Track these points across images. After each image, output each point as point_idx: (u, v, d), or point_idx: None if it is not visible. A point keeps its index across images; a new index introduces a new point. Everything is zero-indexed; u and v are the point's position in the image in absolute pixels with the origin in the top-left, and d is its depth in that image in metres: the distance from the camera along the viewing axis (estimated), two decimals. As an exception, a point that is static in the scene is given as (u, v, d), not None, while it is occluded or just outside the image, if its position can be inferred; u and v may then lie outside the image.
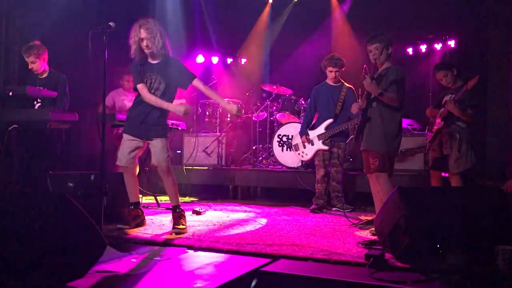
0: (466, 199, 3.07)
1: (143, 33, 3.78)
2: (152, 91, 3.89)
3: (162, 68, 3.92)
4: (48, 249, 2.25)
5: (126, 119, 4.12)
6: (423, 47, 7.76)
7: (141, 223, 4.05)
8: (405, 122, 6.40)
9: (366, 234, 3.82)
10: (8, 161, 5.18)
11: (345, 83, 5.35)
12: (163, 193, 6.07)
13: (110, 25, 3.49)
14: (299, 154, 5.62)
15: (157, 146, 3.89)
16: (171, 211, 4.02)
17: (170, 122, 4.58)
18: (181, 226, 3.80)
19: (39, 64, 4.75)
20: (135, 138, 3.95)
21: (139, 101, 3.96)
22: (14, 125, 4.11)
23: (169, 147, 3.97)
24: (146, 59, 3.92)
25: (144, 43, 3.79)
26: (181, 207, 3.97)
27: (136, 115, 3.95)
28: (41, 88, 4.58)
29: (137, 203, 4.10)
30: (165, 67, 3.92)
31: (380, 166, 3.74)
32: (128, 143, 3.96)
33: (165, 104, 3.88)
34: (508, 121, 4.76)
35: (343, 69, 5.31)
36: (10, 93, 4.03)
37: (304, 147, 5.50)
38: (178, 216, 3.89)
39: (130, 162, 3.98)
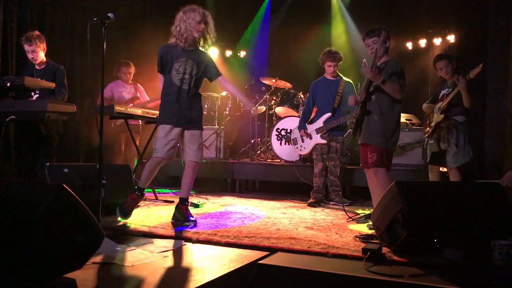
0: (464, 194, 3.08)
1: (208, 17, 3.89)
2: (187, 76, 3.87)
3: (196, 56, 3.94)
4: (45, 240, 2.25)
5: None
6: (422, 42, 7.73)
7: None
8: (404, 117, 6.41)
9: (364, 228, 3.83)
10: (6, 152, 5.18)
11: (343, 77, 5.35)
12: (161, 185, 6.11)
13: (109, 16, 3.47)
14: (297, 148, 5.62)
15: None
16: (169, 203, 4.02)
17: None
18: (193, 219, 3.83)
19: (39, 54, 4.74)
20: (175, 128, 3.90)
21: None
22: (12, 116, 4.09)
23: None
24: (178, 45, 3.90)
25: (202, 26, 3.85)
26: (173, 199, 4.02)
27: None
28: (39, 79, 4.56)
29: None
30: (199, 56, 3.96)
31: (378, 160, 3.73)
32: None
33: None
34: (506, 116, 4.77)
35: (340, 62, 5.30)
36: (8, 84, 4.01)
37: (303, 141, 5.50)
38: (186, 208, 3.92)
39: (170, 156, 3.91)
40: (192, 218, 3.82)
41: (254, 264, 2.70)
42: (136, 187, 3.97)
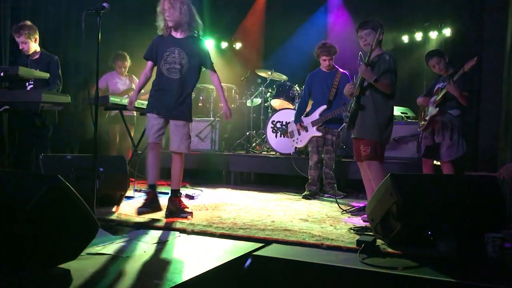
0: (458, 187, 3.10)
1: (166, 4, 3.76)
2: (177, 66, 3.84)
3: (187, 44, 3.87)
4: (39, 230, 2.25)
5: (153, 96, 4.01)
6: (418, 35, 7.73)
7: (159, 207, 3.96)
8: (399, 110, 6.42)
9: (358, 220, 3.84)
10: (0, 142, 5.15)
11: (339, 69, 5.34)
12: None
13: (104, 6, 3.44)
14: (294, 141, 5.62)
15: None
16: (165, 194, 4.02)
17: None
18: (189, 210, 3.82)
19: (30, 45, 4.69)
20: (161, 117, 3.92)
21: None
22: (5, 106, 4.06)
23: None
24: (166, 35, 3.89)
25: (167, 14, 3.76)
26: (168, 190, 4.01)
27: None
28: (33, 69, 4.52)
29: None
30: (190, 43, 3.89)
31: (371, 154, 3.75)
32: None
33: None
34: (501, 109, 4.79)
35: (335, 55, 5.29)
36: (2, 74, 3.98)
37: (299, 133, 5.50)
38: (180, 200, 3.91)
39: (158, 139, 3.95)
40: (187, 210, 3.81)
41: (249, 255, 2.70)
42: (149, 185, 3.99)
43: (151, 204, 3.90)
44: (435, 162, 4.78)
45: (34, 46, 4.75)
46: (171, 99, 3.86)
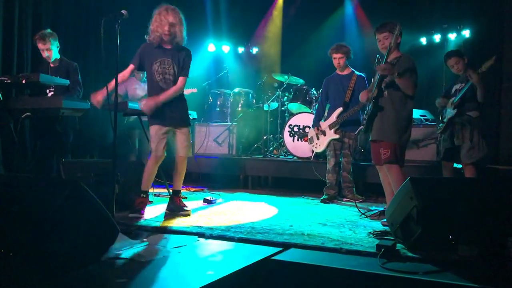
0: (479, 190, 3.04)
1: (171, 18, 3.89)
2: (167, 76, 4.00)
3: (176, 54, 4.02)
4: (61, 235, 2.28)
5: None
6: (437, 37, 7.65)
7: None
8: (418, 113, 6.35)
9: (378, 224, 3.80)
10: (22, 148, 5.25)
11: (355, 71, 5.31)
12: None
13: (122, 13, 3.48)
14: (313, 146, 5.58)
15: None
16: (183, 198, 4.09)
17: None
18: (187, 208, 4.08)
19: (53, 52, 4.79)
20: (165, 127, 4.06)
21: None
22: (27, 113, 4.14)
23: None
24: (159, 43, 3.99)
25: (171, 29, 3.89)
26: (186, 195, 4.17)
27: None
28: (54, 76, 4.60)
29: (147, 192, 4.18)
30: (178, 54, 4.04)
31: (391, 157, 3.70)
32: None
33: None
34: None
35: (351, 56, 5.25)
36: (23, 81, 4.06)
37: (318, 138, 5.47)
38: (180, 199, 4.15)
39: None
40: (186, 208, 4.06)
41: (267, 260, 2.70)
42: (141, 190, 4.08)
43: (142, 206, 4.03)
44: (455, 164, 4.71)
45: (56, 53, 4.84)
46: (170, 108, 4.01)
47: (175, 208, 4.06)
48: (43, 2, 5.86)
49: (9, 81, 4.03)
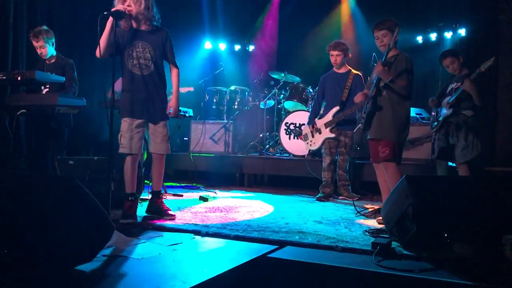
0: (474, 188, 3.06)
1: None
2: (142, 61, 3.64)
3: (150, 36, 3.68)
4: (56, 232, 2.27)
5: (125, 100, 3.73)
6: (433, 35, 7.67)
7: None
8: (414, 111, 6.36)
9: (373, 222, 3.82)
10: (17, 145, 5.22)
11: (352, 70, 5.31)
12: (169, 179, 6.13)
13: (118, 9, 3.47)
14: (308, 143, 5.59)
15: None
16: (178, 196, 4.03)
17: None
18: (172, 213, 3.80)
19: (47, 49, 4.77)
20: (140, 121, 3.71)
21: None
22: (22, 110, 4.12)
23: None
24: (132, 27, 3.65)
25: (127, 3, 3.51)
26: (182, 193, 3.94)
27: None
28: (49, 73, 4.58)
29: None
30: (154, 35, 3.69)
31: (390, 155, 3.72)
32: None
33: None
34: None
35: (349, 55, 5.26)
36: (19, 78, 4.04)
37: (312, 136, 5.47)
38: (162, 202, 3.88)
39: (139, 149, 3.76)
40: (170, 212, 3.78)
41: (263, 258, 2.70)
42: (126, 193, 3.74)
43: (132, 210, 3.71)
44: (449, 163, 4.73)
45: (51, 50, 4.82)
46: (143, 99, 3.66)
47: (158, 211, 3.78)
48: (38, -1, 5.83)
49: (4, 77, 4.01)
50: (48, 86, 4.74)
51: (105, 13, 3.41)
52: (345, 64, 5.32)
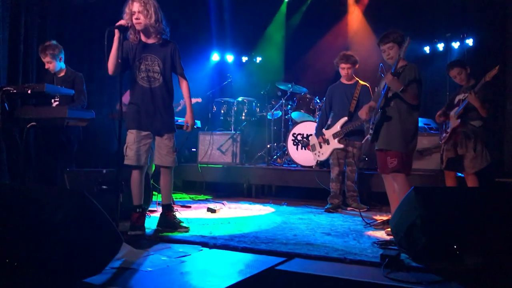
0: (483, 199, 3.03)
1: (135, 6, 3.51)
2: (151, 74, 3.66)
3: (159, 49, 3.69)
4: (65, 245, 2.28)
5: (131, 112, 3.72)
6: (440, 46, 7.66)
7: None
8: (422, 122, 6.35)
9: (382, 234, 3.79)
10: (26, 157, 5.27)
11: (360, 81, 5.32)
12: (177, 190, 6.14)
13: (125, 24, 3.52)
14: (315, 154, 5.58)
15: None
16: (186, 208, 4.02)
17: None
18: (185, 225, 3.79)
19: (55, 64, 4.84)
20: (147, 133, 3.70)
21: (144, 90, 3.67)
22: (32, 123, 4.16)
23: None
24: (140, 40, 3.66)
25: (135, 16, 3.51)
26: (190, 204, 3.91)
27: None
28: (59, 86, 4.64)
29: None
30: (163, 48, 3.70)
31: (398, 165, 3.71)
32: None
33: None
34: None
35: (356, 66, 5.28)
36: (29, 91, 4.08)
37: (321, 147, 5.46)
38: (174, 215, 3.84)
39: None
40: (184, 224, 3.77)
41: (271, 270, 2.69)
42: (134, 205, 3.71)
43: (140, 221, 3.69)
44: (458, 174, 4.70)
45: (59, 65, 4.88)
46: (150, 111, 3.66)
47: (170, 225, 3.75)
48: (49, 12, 5.90)
49: (14, 91, 4.06)
50: (58, 99, 4.79)
51: (110, 27, 3.43)
52: (353, 75, 5.34)
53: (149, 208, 4.38)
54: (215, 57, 8.91)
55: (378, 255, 2.88)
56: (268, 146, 7.03)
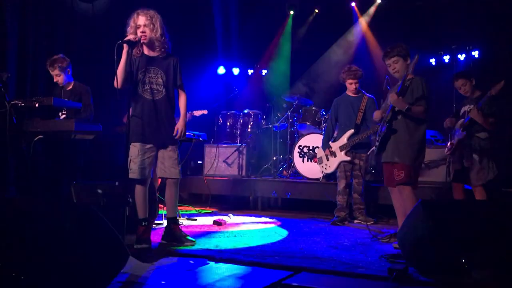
0: (491, 212, 3.01)
1: (141, 20, 3.56)
2: (154, 86, 3.67)
3: (162, 62, 3.72)
4: (72, 258, 2.28)
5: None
6: (446, 58, 7.67)
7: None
8: (429, 134, 6.33)
9: (389, 247, 3.76)
10: (33, 170, 5.29)
11: (365, 93, 5.33)
12: (183, 202, 6.13)
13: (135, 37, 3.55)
14: (322, 166, 5.57)
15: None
16: (192, 220, 4.00)
17: (191, 133, 4.57)
18: (191, 238, 3.77)
19: (63, 77, 4.87)
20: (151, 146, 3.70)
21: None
22: (39, 136, 4.19)
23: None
24: (143, 53, 3.70)
25: (141, 29, 3.56)
26: (196, 217, 3.89)
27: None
28: (66, 99, 4.67)
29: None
30: (165, 61, 3.74)
31: (405, 178, 3.69)
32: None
33: None
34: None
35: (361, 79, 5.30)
36: (36, 105, 4.12)
37: (328, 159, 5.45)
38: (180, 228, 3.83)
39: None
40: (191, 238, 3.75)
41: (278, 284, 2.67)
42: (139, 218, 3.70)
43: (145, 235, 3.68)
44: (466, 186, 4.67)
45: (67, 78, 4.92)
46: (152, 124, 3.66)
47: (176, 238, 3.73)
48: (57, 25, 5.97)
49: (22, 104, 4.10)
50: (65, 111, 4.82)
51: (120, 41, 3.47)
52: (359, 88, 5.35)
53: (155, 221, 4.38)
54: (221, 70, 8.94)
55: (385, 269, 2.86)
56: (274, 158, 7.02)
